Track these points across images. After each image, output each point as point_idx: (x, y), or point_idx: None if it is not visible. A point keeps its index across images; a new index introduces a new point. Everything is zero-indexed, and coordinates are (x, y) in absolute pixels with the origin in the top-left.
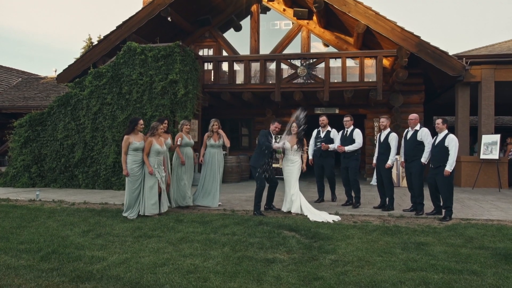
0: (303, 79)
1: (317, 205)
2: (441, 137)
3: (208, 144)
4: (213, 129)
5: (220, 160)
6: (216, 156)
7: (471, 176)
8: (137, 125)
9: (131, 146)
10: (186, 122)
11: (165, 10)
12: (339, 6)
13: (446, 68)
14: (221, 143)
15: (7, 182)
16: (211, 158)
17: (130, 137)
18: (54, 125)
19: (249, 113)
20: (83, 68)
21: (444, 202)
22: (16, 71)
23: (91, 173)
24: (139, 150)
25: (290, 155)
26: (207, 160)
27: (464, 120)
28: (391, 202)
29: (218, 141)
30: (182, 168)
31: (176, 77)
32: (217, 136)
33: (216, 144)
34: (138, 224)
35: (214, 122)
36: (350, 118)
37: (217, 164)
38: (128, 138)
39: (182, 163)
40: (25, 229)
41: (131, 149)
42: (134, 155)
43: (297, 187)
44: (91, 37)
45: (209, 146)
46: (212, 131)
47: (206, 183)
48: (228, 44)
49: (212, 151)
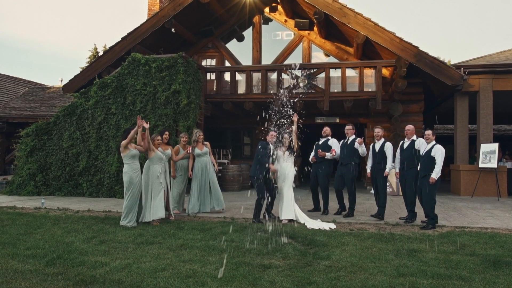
0: (303, 89)
1: (312, 214)
2: (429, 147)
3: (195, 153)
4: (198, 139)
5: (209, 166)
6: (205, 163)
7: (470, 185)
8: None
9: (129, 153)
10: (183, 135)
11: (169, 21)
12: (339, 17)
13: (444, 77)
14: (207, 150)
15: (13, 190)
16: (200, 168)
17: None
18: (60, 135)
19: (251, 122)
20: (89, 78)
21: (425, 211)
22: (23, 81)
23: (95, 181)
24: (136, 157)
25: (282, 161)
26: (197, 171)
27: (463, 129)
28: (382, 210)
29: (203, 149)
30: (177, 180)
31: (179, 87)
32: (201, 144)
33: (202, 152)
34: (140, 231)
35: (200, 133)
36: (352, 127)
37: (206, 170)
38: (126, 144)
39: (172, 176)
40: (31, 235)
41: (129, 157)
42: (133, 162)
43: (291, 194)
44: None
45: (196, 155)
46: (196, 141)
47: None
48: (231, 54)
49: (200, 160)
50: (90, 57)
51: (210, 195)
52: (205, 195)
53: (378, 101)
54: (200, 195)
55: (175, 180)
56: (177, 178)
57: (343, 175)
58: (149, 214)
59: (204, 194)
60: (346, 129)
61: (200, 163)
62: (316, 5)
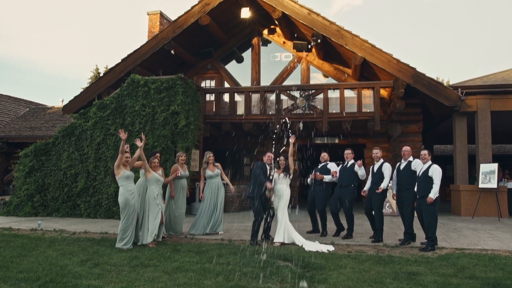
0: (302, 110)
1: (310, 236)
2: (425, 167)
3: (206, 175)
4: (209, 160)
5: (220, 188)
6: (217, 186)
7: (471, 205)
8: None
9: (122, 175)
10: (181, 154)
11: (168, 43)
12: (336, 39)
13: (442, 98)
14: (218, 172)
15: (10, 211)
16: (211, 190)
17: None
18: (59, 155)
19: (250, 143)
20: (88, 99)
21: (426, 232)
22: (24, 101)
23: (93, 202)
24: (131, 179)
25: (278, 183)
26: (207, 194)
27: (462, 149)
28: (380, 233)
29: (214, 171)
30: (175, 199)
31: (178, 108)
32: (212, 166)
33: (214, 174)
34: (136, 253)
35: (210, 154)
36: (351, 151)
37: (218, 192)
38: (119, 166)
39: (172, 197)
40: (25, 258)
41: (123, 179)
42: (128, 184)
43: (286, 216)
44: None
45: (208, 177)
46: (207, 162)
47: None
48: (230, 76)
49: (211, 182)
50: (92, 77)
51: (214, 217)
52: (211, 217)
53: (377, 121)
54: (207, 217)
55: (177, 200)
56: (180, 199)
57: (341, 197)
58: (147, 236)
59: (210, 216)
60: (346, 153)
61: (211, 186)
62: (314, 27)
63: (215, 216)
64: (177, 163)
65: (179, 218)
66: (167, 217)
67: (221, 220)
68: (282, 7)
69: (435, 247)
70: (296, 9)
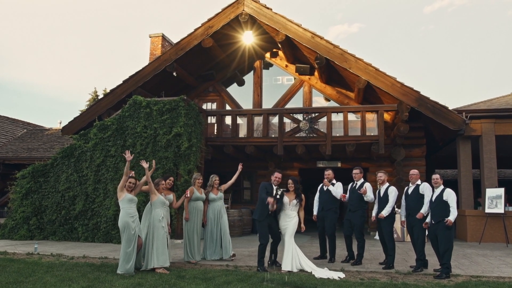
0: (305, 133)
1: (318, 262)
2: (438, 192)
3: (210, 198)
4: (214, 184)
5: (223, 212)
6: (220, 209)
7: (477, 231)
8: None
9: (125, 198)
10: (198, 176)
11: (170, 65)
12: (340, 62)
13: (446, 122)
14: (222, 196)
15: (5, 234)
16: (213, 213)
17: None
18: (57, 177)
19: (252, 166)
20: (89, 120)
21: (442, 258)
22: (22, 122)
23: (91, 225)
24: (134, 202)
25: (288, 209)
26: (210, 216)
27: (466, 174)
28: (391, 259)
29: (218, 194)
30: (191, 223)
31: (180, 130)
32: (216, 190)
33: (217, 197)
34: (139, 280)
35: (216, 178)
36: (360, 171)
37: (220, 216)
38: (122, 189)
39: (185, 218)
40: (21, 284)
41: (126, 201)
42: (129, 207)
43: (292, 243)
44: (97, 90)
45: (211, 200)
46: (212, 185)
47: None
48: (231, 98)
49: (214, 205)
50: (90, 100)
51: (220, 243)
52: (216, 242)
53: (381, 145)
54: (211, 242)
55: (193, 224)
56: (198, 223)
57: (351, 222)
58: (151, 261)
59: (215, 241)
60: (354, 173)
61: (214, 208)
62: (317, 50)
63: (223, 242)
64: (193, 185)
65: (197, 243)
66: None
67: (229, 246)
68: (285, 30)
69: (450, 274)
70: (299, 33)
